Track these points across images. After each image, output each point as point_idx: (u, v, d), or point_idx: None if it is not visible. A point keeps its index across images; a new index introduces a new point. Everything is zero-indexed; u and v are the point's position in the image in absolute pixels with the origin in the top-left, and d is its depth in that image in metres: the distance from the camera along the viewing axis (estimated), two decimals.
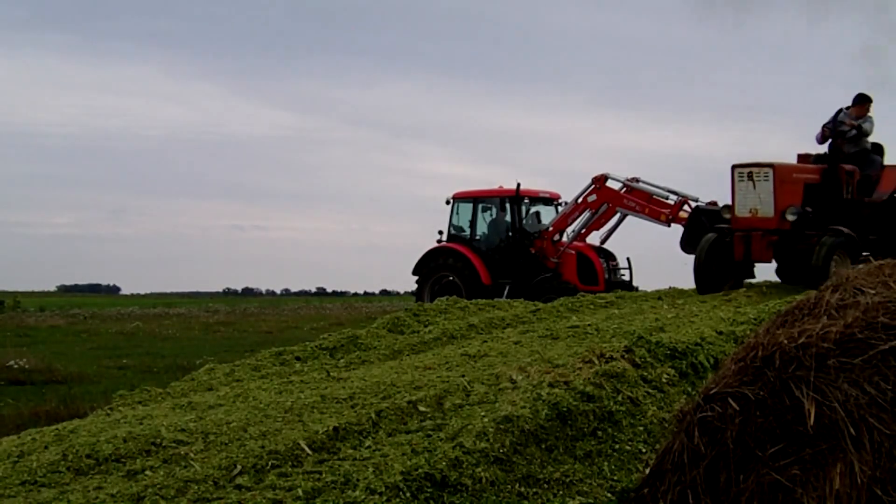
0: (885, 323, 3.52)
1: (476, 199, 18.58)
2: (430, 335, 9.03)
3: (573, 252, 17.72)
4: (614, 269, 18.13)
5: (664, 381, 6.04)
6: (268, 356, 8.53)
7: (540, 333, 8.42)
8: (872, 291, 3.73)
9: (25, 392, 11.34)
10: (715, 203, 14.83)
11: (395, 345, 8.76)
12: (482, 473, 4.52)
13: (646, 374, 6.02)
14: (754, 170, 11.03)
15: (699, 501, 3.61)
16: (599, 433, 5.24)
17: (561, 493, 4.65)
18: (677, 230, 15.31)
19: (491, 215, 18.58)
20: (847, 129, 11.75)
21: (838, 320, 3.64)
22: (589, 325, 8.73)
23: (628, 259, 18.43)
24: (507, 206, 18.17)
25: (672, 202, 16.39)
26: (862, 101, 11.93)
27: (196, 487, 4.50)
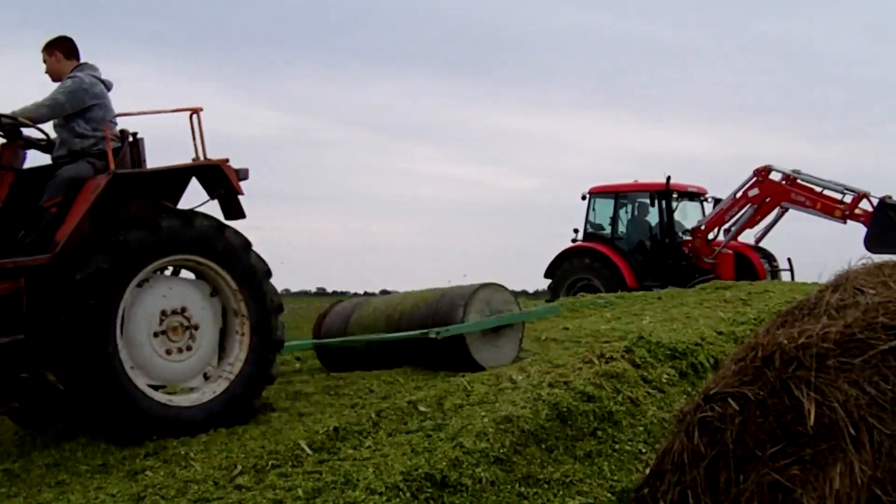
0: (885, 323, 3.52)
1: (618, 194, 16.60)
2: None
3: (730, 252, 15.68)
4: (775, 270, 16.00)
5: (664, 381, 6.04)
6: None
7: (540, 333, 8.43)
8: (872, 291, 3.73)
9: None
10: (890, 197, 13.63)
11: None
12: (482, 473, 4.52)
13: (646, 374, 6.02)
14: None
15: (699, 501, 3.61)
16: (599, 433, 5.24)
17: (561, 493, 4.65)
18: (853, 228, 13.96)
19: (634, 211, 16.72)
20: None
21: (838, 320, 3.63)
22: (592, 324, 8.75)
23: (789, 260, 16.12)
24: (656, 200, 16.18)
25: (841, 197, 14.54)
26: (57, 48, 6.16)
27: (196, 487, 4.50)
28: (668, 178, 15.93)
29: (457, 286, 7.44)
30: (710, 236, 15.96)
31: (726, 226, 15.83)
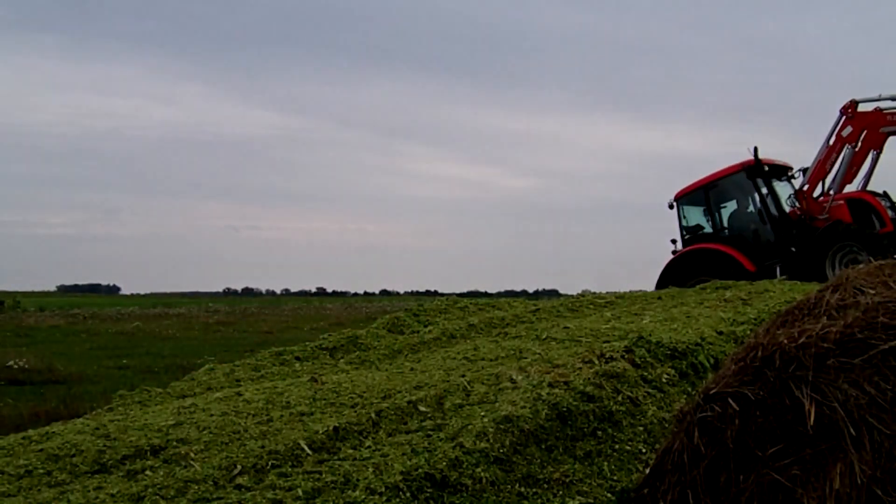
0: (885, 323, 3.52)
1: (708, 187, 16.14)
2: (430, 335, 9.04)
3: (842, 202, 15.06)
4: (894, 206, 14.97)
5: (664, 381, 6.04)
6: (268, 356, 8.55)
7: (540, 333, 8.42)
8: (872, 291, 3.73)
9: (25, 392, 11.37)
10: None
11: (394, 345, 8.77)
12: (482, 473, 4.52)
13: (646, 374, 6.02)
14: None
15: (699, 501, 3.61)
16: (599, 433, 5.24)
17: (561, 493, 4.65)
18: None
19: (730, 198, 16.25)
20: None
21: (838, 320, 3.63)
22: (592, 323, 8.74)
23: None
24: (752, 177, 15.66)
25: None
26: None
27: (196, 487, 4.50)
28: (756, 149, 15.38)
29: None
30: (816, 193, 15.37)
31: (829, 179, 15.17)
